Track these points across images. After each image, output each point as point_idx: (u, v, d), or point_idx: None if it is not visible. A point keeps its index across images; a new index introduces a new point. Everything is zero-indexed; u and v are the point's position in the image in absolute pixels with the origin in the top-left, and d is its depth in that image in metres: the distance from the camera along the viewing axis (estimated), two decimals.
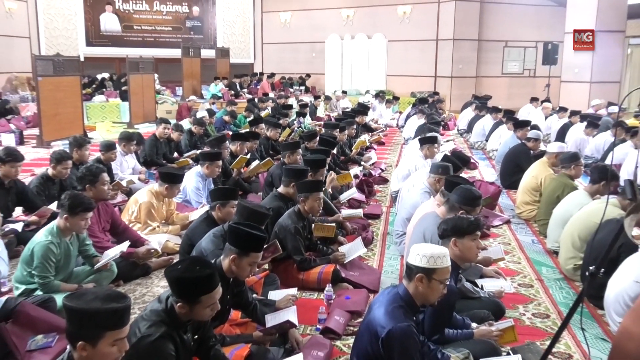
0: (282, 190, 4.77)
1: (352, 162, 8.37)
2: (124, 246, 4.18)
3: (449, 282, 2.62)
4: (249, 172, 6.85)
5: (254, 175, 6.98)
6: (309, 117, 12.26)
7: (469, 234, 3.09)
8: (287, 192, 4.71)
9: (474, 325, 3.13)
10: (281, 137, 8.95)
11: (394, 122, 13.91)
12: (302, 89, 18.04)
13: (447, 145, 8.90)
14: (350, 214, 5.47)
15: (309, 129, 9.84)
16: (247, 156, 7.11)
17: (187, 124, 10.03)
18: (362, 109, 11.92)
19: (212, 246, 3.50)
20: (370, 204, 6.59)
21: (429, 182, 4.93)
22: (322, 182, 4.82)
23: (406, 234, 4.44)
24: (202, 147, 8.15)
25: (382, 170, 8.44)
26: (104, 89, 15.77)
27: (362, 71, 19.06)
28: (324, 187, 5.45)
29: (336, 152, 7.75)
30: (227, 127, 10.68)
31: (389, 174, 8.14)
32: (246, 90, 17.30)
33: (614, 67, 14.52)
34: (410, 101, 14.84)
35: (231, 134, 7.95)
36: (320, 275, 4.09)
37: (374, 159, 8.87)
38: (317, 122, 12.46)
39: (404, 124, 12.19)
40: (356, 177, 7.13)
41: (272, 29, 20.46)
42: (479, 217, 3.43)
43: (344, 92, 16.60)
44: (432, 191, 4.79)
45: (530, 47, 17.85)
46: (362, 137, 9.70)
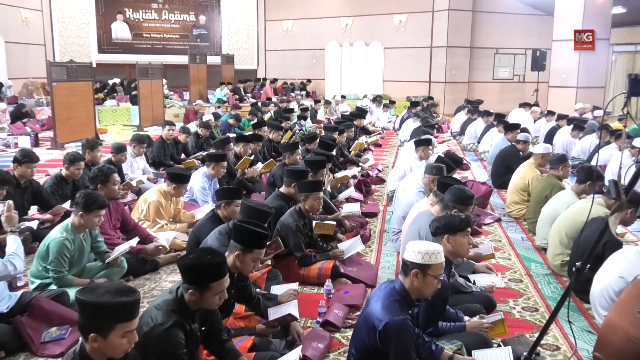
0: (283, 190, 4.77)
1: (351, 163, 8.36)
2: (134, 242, 4.18)
3: (442, 277, 2.62)
4: (252, 172, 6.84)
5: (258, 175, 6.98)
6: (309, 120, 12.25)
7: (460, 231, 3.09)
8: (288, 192, 4.71)
9: (466, 318, 3.13)
10: (283, 139, 8.95)
11: (390, 125, 13.90)
12: (303, 93, 18.03)
13: (440, 147, 8.89)
14: (349, 213, 5.46)
15: (309, 132, 9.83)
16: (251, 157, 7.11)
17: (193, 126, 10.03)
18: (360, 113, 11.91)
19: (217, 243, 3.50)
20: (367, 203, 6.59)
21: (423, 182, 4.92)
22: (321, 182, 4.81)
23: (402, 231, 4.43)
24: (208, 148, 8.15)
25: (379, 170, 8.43)
26: (115, 94, 15.76)
27: (360, 77, 19.05)
28: (324, 187, 5.45)
29: (335, 154, 7.75)
30: (231, 130, 10.66)
31: (385, 174, 8.13)
32: (250, 94, 17.30)
33: (599, 73, 14.53)
34: (406, 105, 14.82)
35: (235, 137, 7.95)
36: (320, 270, 4.09)
37: (372, 160, 8.86)
38: (317, 125, 12.45)
39: (400, 127, 12.18)
40: (354, 178, 7.13)
41: (275, 36, 20.45)
42: (469, 215, 3.43)
43: (343, 97, 16.57)
44: (427, 191, 4.78)
45: (519, 54, 17.85)
46: (360, 140, 9.70)
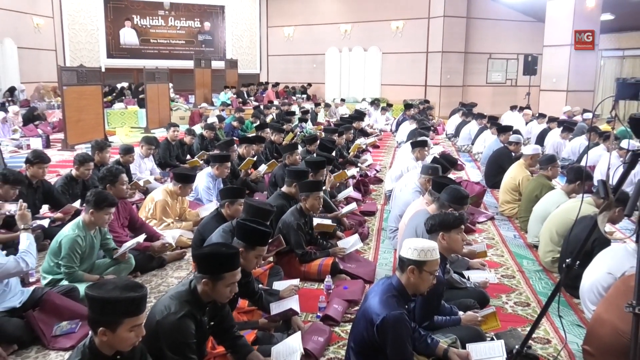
0: (285, 189, 4.76)
1: (350, 164, 8.36)
2: (141, 238, 4.18)
3: (437, 273, 2.62)
4: (255, 174, 6.83)
5: (261, 176, 6.97)
6: (310, 123, 12.24)
7: (455, 228, 3.08)
8: (290, 192, 4.71)
9: (461, 313, 3.12)
10: (285, 140, 8.94)
11: (387, 127, 13.90)
12: (304, 96, 18.02)
13: (436, 148, 8.88)
14: (347, 211, 5.45)
15: (310, 134, 9.83)
16: (254, 158, 7.11)
17: (199, 128, 10.02)
18: (359, 115, 11.93)
19: (221, 240, 3.49)
20: (366, 202, 6.58)
21: (419, 182, 4.92)
22: (321, 182, 4.81)
23: (399, 229, 4.43)
24: (212, 150, 8.14)
25: (377, 171, 8.42)
26: (123, 97, 15.77)
27: (358, 81, 19.04)
28: (324, 187, 5.44)
29: (335, 155, 7.74)
30: (235, 132, 10.67)
31: (383, 174, 8.12)
32: (253, 98, 17.28)
33: (588, 77, 14.55)
34: (402, 108, 14.84)
35: (239, 138, 7.95)
36: (320, 267, 4.09)
37: (370, 160, 8.86)
38: (317, 127, 12.44)
39: (397, 129, 12.18)
40: (353, 178, 7.12)
41: (277, 42, 20.46)
42: (462, 212, 3.43)
43: (342, 100, 16.58)
44: (423, 190, 4.78)
45: (512, 59, 17.85)
46: (359, 141, 9.69)
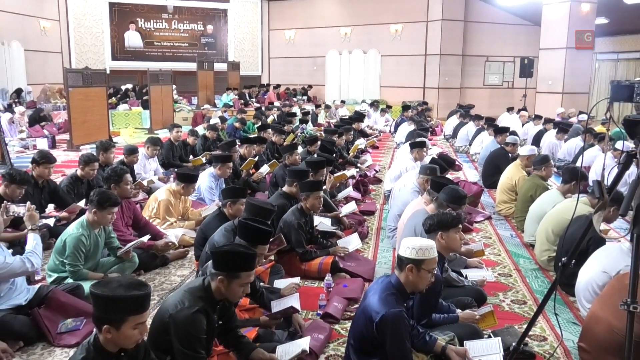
0: (286, 189, 4.76)
1: (349, 164, 8.35)
2: (145, 238, 4.18)
3: (436, 272, 2.61)
4: (257, 175, 6.82)
5: (263, 176, 6.97)
6: (310, 124, 12.24)
7: (453, 227, 3.08)
8: (290, 191, 4.70)
9: (459, 311, 3.12)
10: (286, 141, 8.93)
11: (387, 128, 13.89)
12: (305, 98, 18.03)
13: (434, 149, 8.88)
14: (348, 212, 5.45)
15: (310, 135, 9.83)
16: (255, 159, 7.10)
17: (201, 129, 10.02)
18: (358, 117, 11.91)
19: (223, 239, 3.49)
20: (365, 201, 6.58)
21: (418, 182, 4.91)
22: (322, 182, 4.80)
23: (398, 228, 4.43)
24: (214, 150, 8.14)
25: (376, 171, 8.41)
26: (128, 99, 15.77)
27: (358, 83, 19.04)
28: (324, 186, 5.44)
29: (335, 156, 7.73)
30: (237, 133, 10.66)
31: (382, 174, 8.12)
32: (255, 99, 17.29)
33: (584, 79, 14.54)
34: (401, 110, 14.84)
35: (241, 139, 7.94)
36: (320, 265, 4.08)
37: (369, 161, 8.85)
38: (318, 128, 12.44)
39: (396, 130, 12.17)
40: (353, 178, 7.12)
41: (278, 44, 20.45)
42: (460, 212, 3.43)
43: (342, 102, 16.57)
44: (421, 190, 4.77)
45: (508, 61, 17.83)
46: (358, 142, 9.68)
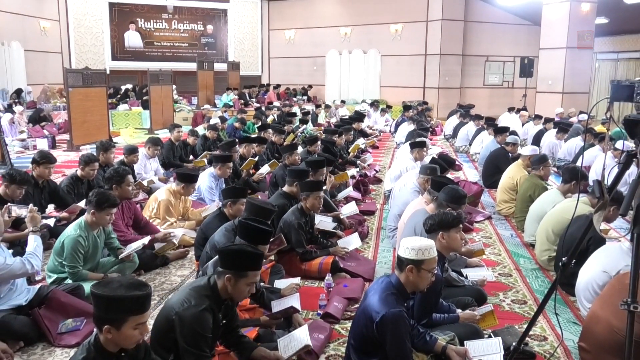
0: (286, 189, 4.75)
1: (350, 164, 8.35)
2: (146, 240, 4.17)
3: (436, 272, 2.61)
4: (258, 176, 6.81)
5: (263, 176, 6.97)
6: (310, 124, 12.24)
7: (453, 227, 3.08)
8: (291, 191, 4.70)
9: (459, 310, 3.12)
10: (286, 141, 8.93)
11: (387, 128, 13.89)
12: (305, 98, 18.03)
13: (434, 149, 8.87)
14: (348, 213, 5.44)
15: (310, 134, 9.83)
16: (255, 158, 7.09)
17: (201, 129, 10.02)
18: (359, 117, 11.91)
19: (224, 239, 3.49)
20: (365, 201, 6.58)
21: (418, 182, 4.91)
22: (322, 182, 4.80)
23: (398, 228, 4.42)
24: (214, 150, 8.13)
25: (376, 171, 8.41)
26: (128, 99, 15.77)
27: (358, 82, 19.03)
28: (324, 186, 5.43)
29: (336, 156, 7.73)
30: (237, 133, 10.66)
31: (382, 174, 8.11)
32: (255, 99, 17.29)
33: (583, 79, 14.54)
34: (401, 110, 14.86)
35: (240, 138, 7.93)
36: (320, 265, 4.08)
37: (369, 161, 8.85)
38: (318, 128, 12.44)
39: (396, 130, 12.17)
40: (353, 178, 7.12)
41: (278, 44, 20.45)
42: (460, 211, 3.43)
43: (343, 102, 16.56)
44: (421, 190, 4.77)
45: (508, 61, 17.83)
46: (358, 142, 9.68)
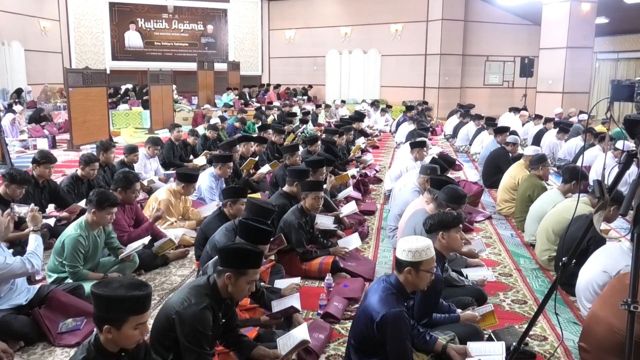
0: (286, 189, 4.76)
1: (350, 163, 8.34)
2: (146, 240, 4.17)
3: (437, 272, 2.61)
4: (258, 176, 6.81)
5: (263, 176, 6.97)
6: (311, 124, 12.24)
7: (453, 227, 3.08)
8: (291, 191, 4.70)
9: (459, 310, 3.12)
10: (286, 141, 8.93)
11: (387, 128, 13.89)
12: (305, 98, 18.02)
13: (434, 148, 8.87)
14: (348, 212, 5.44)
15: (311, 134, 9.83)
16: (256, 158, 7.09)
17: (202, 129, 10.02)
18: (359, 116, 11.90)
19: (224, 239, 3.49)
20: (365, 201, 6.57)
21: (418, 182, 4.91)
22: (322, 182, 4.80)
23: (398, 228, 4.43)
24: (215, 150, 8.13)
25: (376, 171, 8.41)
26: (128, 99, 15.76)
27: (358, 82, 19.03)
28: (324, 186, 5.43)
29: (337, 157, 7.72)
30: (237, 133, 10.65)
31: (382, 174, 8.11)
32: (255, 99, 17.29)
33: (584, 79, 14.54)
34: (401, 109, 14.86)
35: (239, 137, 7.92)
36: (320, 265, 4.08)
37: (371, 160, 8.84)
38: (318, 128, 12.43)
39: (396, 130, 12.17)
40: (353, 177, 7.12)
41: (278, 44, 20.45)
42: (460, 211, 3.43)
43: (343, 101, 16.56)
44: (422, 190, 4.77)
45: (509, 61, 17.82)
46: (359, 142, 9.68)
